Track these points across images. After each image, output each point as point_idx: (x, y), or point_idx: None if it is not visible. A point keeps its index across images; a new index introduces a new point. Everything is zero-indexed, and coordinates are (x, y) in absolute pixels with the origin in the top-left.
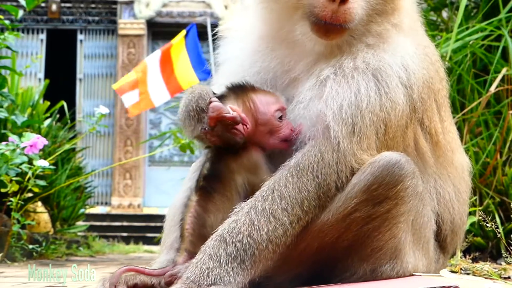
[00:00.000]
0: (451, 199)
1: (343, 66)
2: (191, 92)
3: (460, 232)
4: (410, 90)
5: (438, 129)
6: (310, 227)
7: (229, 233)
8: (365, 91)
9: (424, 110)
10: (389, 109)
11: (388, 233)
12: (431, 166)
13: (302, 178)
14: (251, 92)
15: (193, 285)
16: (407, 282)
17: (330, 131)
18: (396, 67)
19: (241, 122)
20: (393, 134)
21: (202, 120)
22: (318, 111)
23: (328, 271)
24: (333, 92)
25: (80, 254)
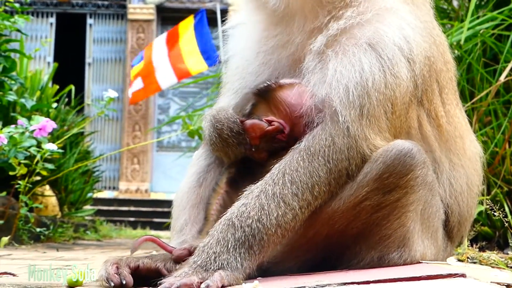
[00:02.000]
0: (462, 191)
1: (340, 40)
2: (215, 119)
3: (467, 224)
4: (413, 63)
5: (439, 112)
6: (320, 214)
7: (238, 217)
8: (369, 68)
9: (424, 90)
10: (394, 85)
11: (397, 222)
12: (436, 151)
13: (313, 163)
14: (278, 91)
15: (200, 269)
16: (414, 269)
17: (338, 116)
18: (396, 38)
19: (283, 126)
20: (399, 113)
21: (243, 142)
22: (324, 96)
23: (335, 258)
24: (337, 74)
25: (87, 238)
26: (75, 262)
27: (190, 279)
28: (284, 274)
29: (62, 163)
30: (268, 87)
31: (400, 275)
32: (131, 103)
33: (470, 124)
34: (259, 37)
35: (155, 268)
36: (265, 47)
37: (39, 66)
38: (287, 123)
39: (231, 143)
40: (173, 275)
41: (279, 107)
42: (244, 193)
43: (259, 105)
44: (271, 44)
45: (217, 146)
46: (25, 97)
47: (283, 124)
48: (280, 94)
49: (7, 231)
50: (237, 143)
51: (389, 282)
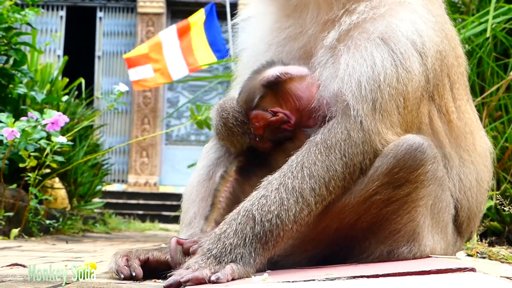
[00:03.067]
0: (472, 187)
1: (352, 33)
2: (221, 108)
3: (476, 219)
4: (425, 58)
5: (450, 108)
6: (331, 208)
7: (259, 210)
8: (381, 63)
9: (435, 84)
10: (405, 80)
11: (407, 216)
12: (446, 146)
13: (330, 156)
14: (287, 83)
15: (213, 260)
16: (423, 263)
17: (350, 110)
18: (408, 32)
19: (288, 117)
20: (411, 107)
21: (247, 132)
22: (336, 91)
23: (345, 251)
24: (349, 69)
25: (96, 231)
26: (84, 254)
27: (202, 273)
28: (293, 267)
29: (71, 155)
30: (278, 79)
31: (409, 269)
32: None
33: (480, 119)
34: (271, 29)
35: (164, 261)
36: (277, 39)
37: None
38: (294, 114)
39: (236, 132)
40: (184, 266)
41: (287, 99)
42: (263, 183)
43: (267, 97)
44: (283, 36)
45: (223, 135)
46: (35, 90)
47: (288, 115)
48: (289, 86)
49: (17, 223)
50: (242, 132)
51: (399, 276)
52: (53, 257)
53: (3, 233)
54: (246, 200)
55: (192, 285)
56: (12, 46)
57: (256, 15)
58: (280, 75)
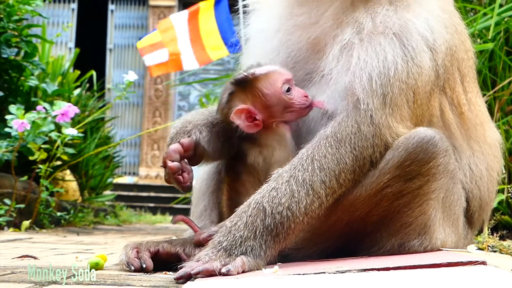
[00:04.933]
0: (482, 176)
1: (367, 29)
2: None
3: (488, 208)
4: (435, 53)
5: (461, 100)
6: (342, 201)
7: (269, 202)
8: (392, 57)
9: (446, 79)
10: (416, 75)
11: (418, 209)
12: (458, 138)
13: (340, 149)
14: (254, 81)
15: (223, 252)
16: (434, 256)
17: (361, 104)
18: (421, 28)
19: (251, 112)
20: (421, 102)
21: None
22: (347, 84)
23: (356, 244)
24: (361, 62)
25: (107, 223)
26: (95, 247)
27: (212, 265)
28: (304, 260)
29: (82, 148)
30: (244, 78)
31: (420, 262)
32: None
33: (492, 113)
34: (281, 15)
35: (174, 253)
36: (286, 26)
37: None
38: (263, 110)
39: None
40: (195, 258)
41: (255, 95)
42: (273, 176)
43: (236, 94)
44: (293, 23)
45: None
46: (47, 82)
47: (252, 111)
48: (256, 84)
49: (28, 215)
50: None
51: (409, 269)
52: (64, 249)
53: (14, 225)
54: (257, 193)
55: (203, 277)
56: (23, 38)
57: (267, 0)
58: (247, 74)
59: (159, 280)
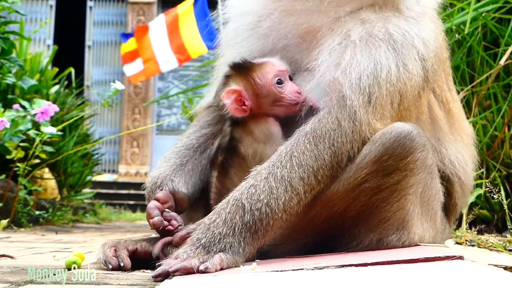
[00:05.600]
0: (466, 162)
1: (369, 31)
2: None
3: (469, 193)
4: (425, 62)
5: (448, 98)
6: (320, 196)
7: (248, 199)
8: (386, 61)
9: (435, 80)
10: (406, 80)
11: (396, 204)
12: (447, 133)
13: (319, 146)
14: (249, 69)
15: (202, 250)
16: (412, 252)
17: (346, 100)
18: (416, 40)
19: (243, 97)
20: (408, 104)
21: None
22: (334, 79)
23: (334, 240)
24: (354, 62)
25: (87, 221)
26: (73, 245)
27: (190, 263)
28: (283, 256)
29: (61, 146)
30: (241, 64)
31: (398, 257)
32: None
33: (470, 108)
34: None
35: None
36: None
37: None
38: (253, 98)
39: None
40: (173, 255)
41: (248, 82)
42: (252, 173)
43: (232, 77)
44: (289, 7)
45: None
46: (24, 80)
47: (243, 94)
48: (250, 72)
49: (6, 214)
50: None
51: (387, 264)
52: (42, 248)
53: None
54: (236, 190)
55: (181, 275)
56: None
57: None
58: (244, 60)
59: (137, 278)
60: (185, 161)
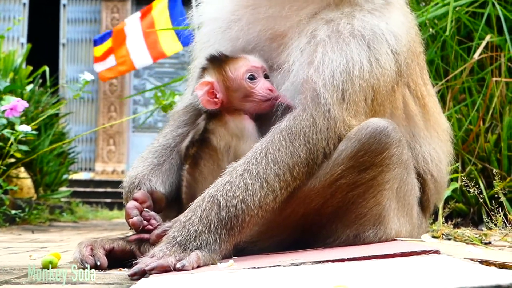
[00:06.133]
0: (441, 159)
1: (337, 28)
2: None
3: (444, 190)
4: (397, 56)
5: (423, 92)
6: (296, 193)
7: (224, 195)
8: (358, 58)
9: (409, 74)
10: (378, 75)
11: (372, 200)
12: (421, 127)
13: (294, 143)
14: (223, 62)
15: (178, 248)
16: (389, 246)
17: (320, 98)
18: (387, 34)
19: (215, 89)
20: (382, 99)
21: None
22: (307, 78)
23: (311, 236)
24: (326, 59)
25: (63, 220)
26: (50, 244)
27: (167, 261)
28: (260, 253)
29: (37, 145)
30: (216, 58)
31: (375, 252)
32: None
33: (445, 101)
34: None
35: (129, 250)
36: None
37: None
38: (224, 91)
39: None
40: (149, 254)
41: (221, 75)
42: (227, 170)
43: (207, 69)
44: (257, 13)
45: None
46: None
47: (215, 86)
48: (224, 65)
49: None
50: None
51: (364, 260)
52: (18, 247)
53: None
54: (211, 187)
55: (157, 273)
56: None
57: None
58: (219, 54)
59: (113, 277)
60: (162, 161)
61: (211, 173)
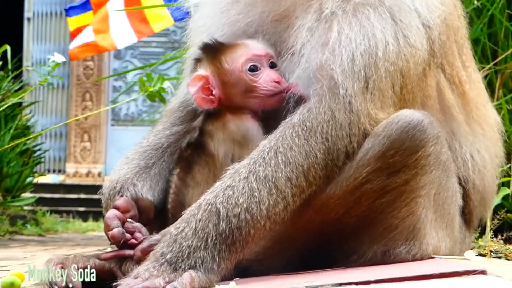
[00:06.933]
0: (486, 165)
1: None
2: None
3: (490, 204)
4: (430, 30)
5: (462, 77)
6: (312, 201)
7: (224, 203)
8: (382, 35)
9: (443, 54)
10: (408, 56)
11: (405, 209)
12: (459, 122)
13: (310, 140)
14: (218, 51)
15: (167, 267)
16: (425, 266)
17: (338, 88)
18: (417, 2)
19: (210, 84)
20: (412, 86)
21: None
22: (322, 63)
23: (330, 253)
24: (343, 38)
25: (27, 233)
26: (11, 262)
27: (154, 283)
28: (267, 273)
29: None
30: (212, 45)
31: (407, 273)
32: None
33: (493, 89)
34: None
35: (108, 270)
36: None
37: None
38: (221, 87)
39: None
40: (133, 274)
41: (216, 67)
42: (228, 172)
43: (201, 61)
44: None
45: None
46: None
47: (210, 81)
48: (219, 55)
49: None
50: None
51: (395, 281)
52: None
53: None
54: (209, 192)
55: None
56: None
57: None
58: (214, 41)
59: None
60: (151, 163)
61: (206, 180)
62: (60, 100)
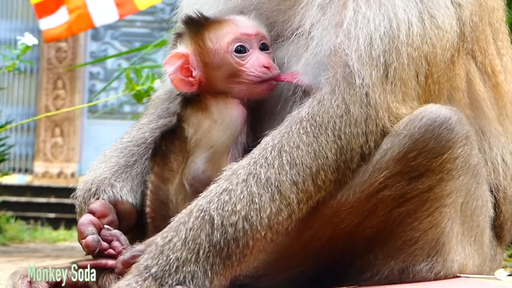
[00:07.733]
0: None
1: None
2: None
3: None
4: (460, 9)
5: (495, 67)
6: (321, 209)
7: (219, 210)
8: (404, 14)
9: (475, 38)
10: (434, 40)
11: (427, 220)
12: (490, 120)
13: (320, 138)
14: (203, 27)
15: (152, 282)
16: (450, 286)
17: (354, 77)
18: None
19: (189, 63)
20: (438, 75)
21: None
22: (335, 47)
23: (341, 269)
24: (359, 18)
25: None
26: None
27: None
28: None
29: None
30: (194, 20)
31: None
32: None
33: None
34: None
35: (83, 283)
36: None
37: None
38: (202, 68)
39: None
40: None
41: (199, 46)
42: (224, 174)
43: (183, 37)
44: None
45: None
46: None
47: (190, 60)
48: (203, 32)
49: None
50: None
51: None
52: None
53: None
54: (201, 197)
55: None
56: None
57: None
58: (199, 15)
59: None
60: (133, 161)
61: (181, 166)
62: (28, 88)
